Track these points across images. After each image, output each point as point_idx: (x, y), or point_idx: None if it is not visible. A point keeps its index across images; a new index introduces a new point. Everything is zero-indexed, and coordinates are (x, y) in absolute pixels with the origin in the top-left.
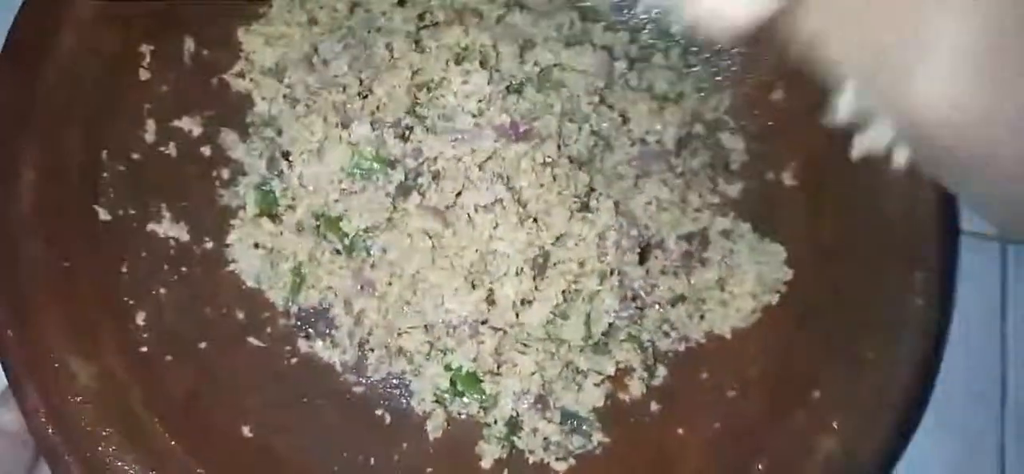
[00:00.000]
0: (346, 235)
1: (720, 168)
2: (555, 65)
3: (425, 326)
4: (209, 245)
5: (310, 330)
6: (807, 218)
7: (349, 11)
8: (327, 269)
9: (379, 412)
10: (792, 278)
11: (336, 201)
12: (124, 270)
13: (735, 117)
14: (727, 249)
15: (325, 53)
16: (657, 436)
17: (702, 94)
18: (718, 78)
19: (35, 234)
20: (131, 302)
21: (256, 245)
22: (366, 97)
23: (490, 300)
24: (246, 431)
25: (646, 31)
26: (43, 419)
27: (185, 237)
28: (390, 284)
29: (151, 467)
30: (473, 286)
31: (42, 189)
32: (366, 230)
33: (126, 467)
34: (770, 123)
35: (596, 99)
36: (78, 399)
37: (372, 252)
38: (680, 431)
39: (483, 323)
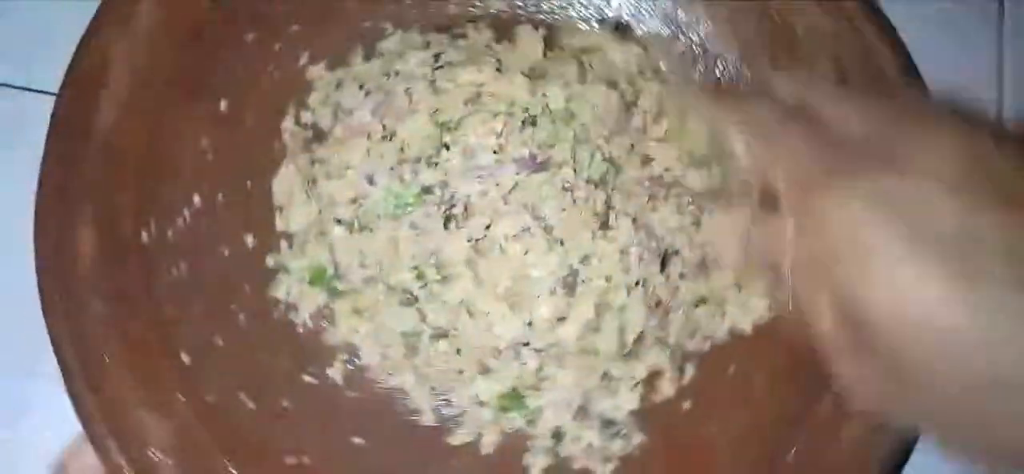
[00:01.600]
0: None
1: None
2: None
3: (474, 348)
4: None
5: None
6: None
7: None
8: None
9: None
10: None
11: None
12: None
13: None
14: None
15: (348, 102)
16: (691, 431)
17: None
18: None
19: (96, 289)
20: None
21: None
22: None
23: (528, 322)
24: (305, 460)
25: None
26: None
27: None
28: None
29: None
30: (512, 309)
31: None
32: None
33: None
34: None
35: (606, 132)
36: (159, 453)
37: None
38: (713, 424)
39: (525, 345)
